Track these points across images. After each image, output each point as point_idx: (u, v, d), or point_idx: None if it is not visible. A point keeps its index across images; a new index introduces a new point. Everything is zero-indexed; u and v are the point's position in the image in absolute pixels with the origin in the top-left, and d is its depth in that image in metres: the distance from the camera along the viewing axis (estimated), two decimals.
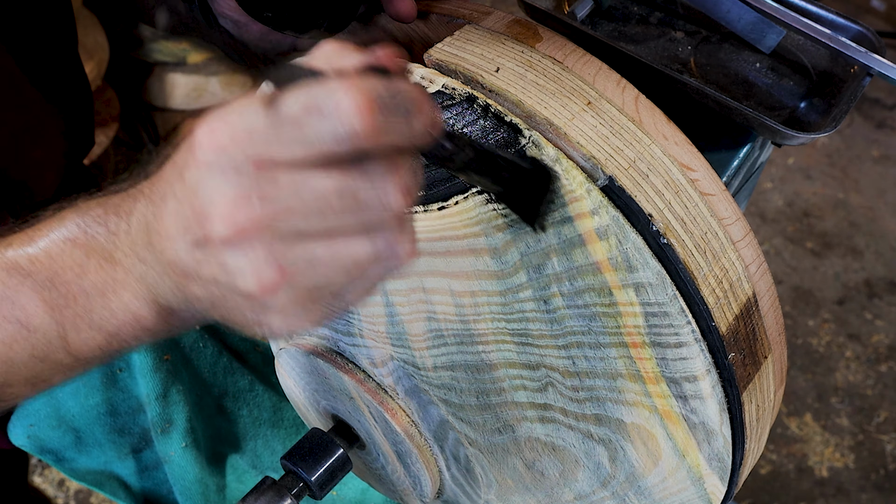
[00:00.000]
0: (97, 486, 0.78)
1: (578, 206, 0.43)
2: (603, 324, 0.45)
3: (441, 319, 0.50)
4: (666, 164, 0.45)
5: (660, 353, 0.45)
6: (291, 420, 0.83)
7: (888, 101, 2.52)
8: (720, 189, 0.46)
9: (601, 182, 0.43)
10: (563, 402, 0.49)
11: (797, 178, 2.32)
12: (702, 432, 0.47)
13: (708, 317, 0.44)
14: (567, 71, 0.47)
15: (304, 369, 0.62)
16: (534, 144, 0.43)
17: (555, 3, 0.66)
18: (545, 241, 0.44)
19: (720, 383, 0.45)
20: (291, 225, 0.32)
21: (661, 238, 0.43)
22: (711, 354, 0.45)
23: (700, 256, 0.44)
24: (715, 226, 0.45)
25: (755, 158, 0.65)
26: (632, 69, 0.59)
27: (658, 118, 0.46)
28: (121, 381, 0.76)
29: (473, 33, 0.49)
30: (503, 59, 0.47)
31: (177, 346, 0.78)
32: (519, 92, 0.45)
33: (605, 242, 0.43)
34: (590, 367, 0.47)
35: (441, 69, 0.47)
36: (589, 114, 0.45)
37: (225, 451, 0.80)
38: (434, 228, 0.47)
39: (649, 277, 0.43)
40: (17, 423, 0.75)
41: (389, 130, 0.31)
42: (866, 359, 1.92)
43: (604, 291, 0.44)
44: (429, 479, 0.59)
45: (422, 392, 0.55)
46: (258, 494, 0.57)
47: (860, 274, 2.09)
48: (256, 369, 0.84)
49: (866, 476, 1.73)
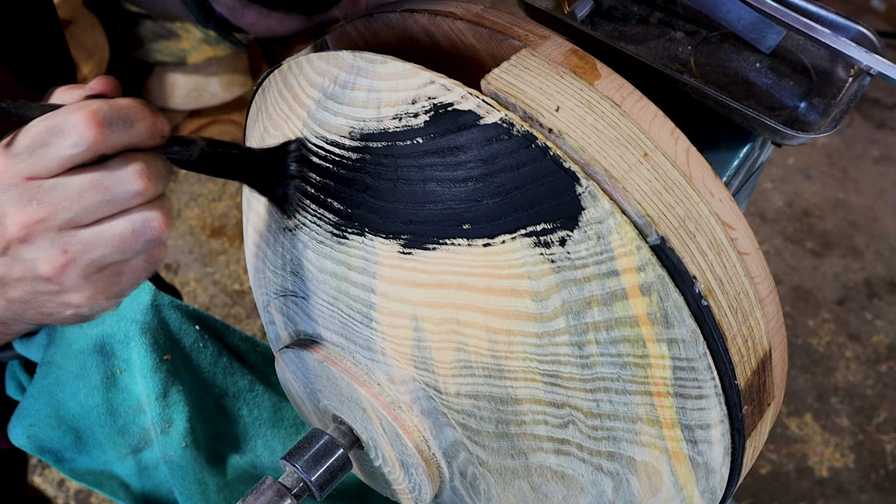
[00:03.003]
0: (97, 486, 0.78)
1: (626, 262, 0.43)
2: (632, 373, 0.45)
3: (472, 352, 0.50)
4: (711, 223, 0.45)
5: (680, 402, 0.46)
6: (291, 420, 0.83)
7: (888, 101, 2.52)
8: (755, 248, 0.47)
9: (652, 241, 0.43)
10: (581, 438, 0.50)
11: (797, 178, 2.32)
12: (703, 471, 0.48)
13: (731, 374, 0.45)
14: (625, 116, 0.45)
15: (308, 370, 0.61)
16: (589, 195, 0.42)
17: (555, 3, 0.66)
18: (588, 290, 0.44)
19: (730, 431, 0.47)
20: (64, 217, 0.42)
21: (701, 300, 0.43)
22: (727, 407, 0.46)
23: (732, 316, 0.45)
24: (747, 286, 0.46)
25: (755, 158, 0.65)
26: (632, 69, 0.59)
27: (706, 172, 0.46)
28: (121, 382, 0.76)
29: (531, 61, 0.47)
30: (562, 96, 0.45)
31: (177, 346, 0.78)
32: (579, 137, 0.44)
33: (646, 298, 0.43)
34: (612, 411, 0.48)
35: (499, 100, 0.45)
36: (645, 166, 0.44)
37: (225, 451, 0.80)
38: (477, 264, 0.47)
39: (684, 335, 0.43)
40: (16, 423, 0.75)
41: (116, 134, 0.41)
42: (866, 359, 1.92)
43: (638, 343, 0.44)
44: (429, 488, 0.59)
45: (440, 414, 0.54)
46: (258, 494, 0.57)
47: (860, 274, 2.09)
48: (256, 369, 0.84)
49: (866, 476, 1.73)
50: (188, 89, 2.21)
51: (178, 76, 2.19)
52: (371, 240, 0.50)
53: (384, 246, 0.50)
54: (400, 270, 0.50)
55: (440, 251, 0.48)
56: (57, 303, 0.46)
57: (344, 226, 0.52)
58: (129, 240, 0.44)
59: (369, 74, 0.48)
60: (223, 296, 2.02)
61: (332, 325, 0.57)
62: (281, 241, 0.58)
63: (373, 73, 0.48)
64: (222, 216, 2.18)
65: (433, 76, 0.45)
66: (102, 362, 0.75)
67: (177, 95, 2.21)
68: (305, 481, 0.58)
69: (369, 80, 0.48)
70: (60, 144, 0.41)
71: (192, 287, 2.03)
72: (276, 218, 0.58)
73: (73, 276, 0.44)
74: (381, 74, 0.48)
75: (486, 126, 0.44)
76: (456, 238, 0.47)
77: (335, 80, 0.50)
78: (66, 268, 0.44)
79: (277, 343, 0.68)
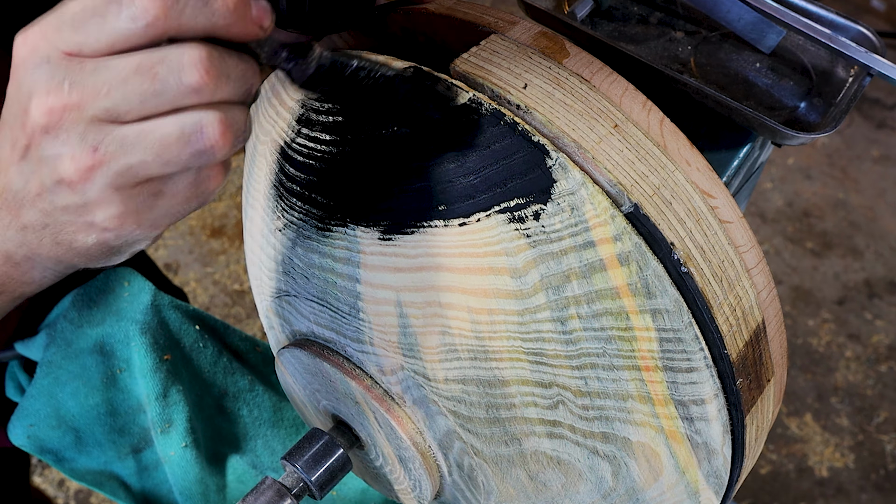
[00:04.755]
0: (97, 486, 0.78)
1: (601, 231, 0.43)
2: (618, 347, 0.45)
3: (456, 334, 0.50)
4: (688, 191, 0.45)
5: (671, 377, 0.45)
6: (291, 420, 0.83)
7: (888, 101, 2.53)
8: (738, 216, 0.47)
9: (626, 208, 0.43)
10: (573, 419, 0.50)
11: (797, 178, 2.32)
12: (703, 451, 0.47)
13: (721, 344, 0.45)
14: (594, 90, 0.46)
15: (305, 370, 0.62)
16: (560, 167, 0.43)
17: (555, 3, 0.66)
18: (566, 263, 0.44)
19: (726, 407, 0.46)
20: (100, 106, 0.35)
21: (681, 267, 0.43)
22: (720, 380, 0.45)
23: (717, 285, 0.45)
24: (732, 254, 0.46)
25: (755, 158, 0.65)
26: (632, 69, 0.59)
27: (682, 143, 0.46)
28: (121, 381, 0.76)
29: (500, 44, 0.48)
30: (530, 74, 0.46)
31: (177, 346, 0.78)
32: (547, 111, 0.44)
33: (625, 268, 0.43)
34: (601, 388, 0.47)
35: (467, 81, 0.46)
36: (616, 137, 0.44)
37: (225, 451, 0.80)
38: (454, 244, 0.47)
39: (667, 304, 0.43)
40: (16, 423, 0.75)
41: (188, 12, 0.34)
42: (866, 359, 1.92)
43: (621, 316, 0.44)
44: (429, 484, 0.59)
45: (430, 403, 0.55)
46: (258, 494, 0.57)
47: (860, 274, 2.09)
48: (256, 369, 0.84)
49: (866, 476, 1.73)
50: None
51: None
52: (353, 229, 0.51)
53: (365, 234, 0.50)
54: (381, 257, 0.50)
55: (418, 234, 0.48)
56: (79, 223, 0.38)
57: (328, 218, 0.52)
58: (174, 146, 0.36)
59: None
60: (223, 296, 2.02)
61: (323, 321, 0.57)
62: (272, 243, 0.59)
63: None
64: (222, 216, 2.18)
65: (405, 65, 0.46)
66: (102, 362, 0.75)
67: None
68: (305, 481, 0.59)
69: None
70: (117, 16, 0.34)
71: (192, 287, 2.03)
72: (267, 221, 0.58)
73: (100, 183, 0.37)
74: None
75: (456, 108, 0.45)
76: (433, 220, 0.47)
77: None
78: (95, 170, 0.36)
79: (277, 346, 0.68)
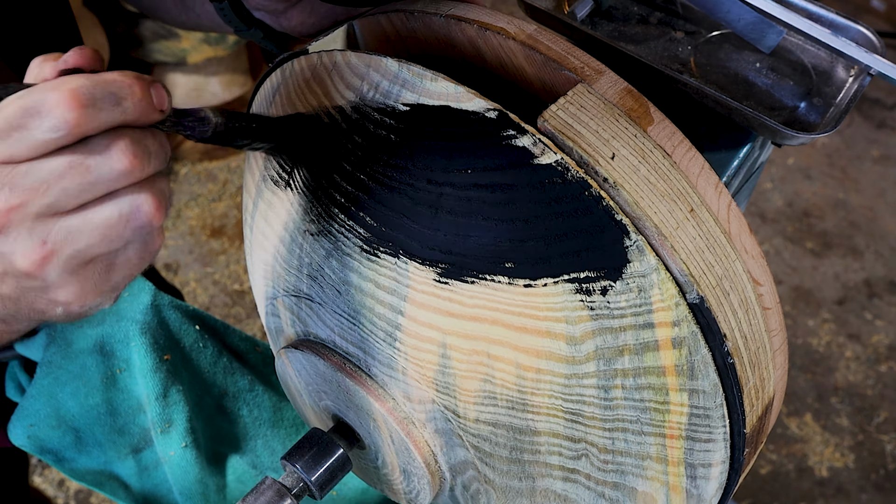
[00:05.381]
0: (97, 486, 0.78)
1: (663, 316, 0.43)
2: (651, 417, 0.46)
3: (498, 384, 0.50)
4: (744, 281, 0.45)
5: (690, 444, 0.47)
6: (291, 420, 0.83)
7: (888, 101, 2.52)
8: (775, 302, 0.48)
9: (691, 299, 0.43)
10: (591, 469, 0.51)
11: (797, 178, 2.32)
12: (694, 500, 0.50)
13: (742, 423, 0.46)
14: (675, 168, 0.45)
15: (317, 373, 0.61)
16: (637, 249, 0.42)
17: (555, 3, 0.66)
18: (623, 339, 0.45)
19: (728, 471, 0.48)
20: (42, 203, 0.38)
21: (728, 357, 0.44)
22: (731, 450, 0.47)
23: (750, 371, 0.46)
24: (766, 341, 0.47)
25: (755, 158, 0.65)
26: (632, 69, 0.59)
27: (743, 229, 0.47)
28: (121, 381, 0.76)
29: (587, 99, 0.46)
30: (618, 142, 0.44)
31: (177, 346, 0.78)
32: (633, 190, 0.43)
33: (677, 351, 0.44)
34: (626, 448, 0.48)
35: (555, 140, 0.43)
36: (691, 223, 0.44)
37: (225, 451, 0.80)
38: (515, 303, 0.46)
39: (706, 387, 0.44)
40: (16, 423, 0.75)
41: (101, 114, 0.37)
42: (866, 359, 1.92)
43: (661, 391, 0.45)
44: (429, 494, 0.60)
45: (455, 436, 0.55)
46: (258, 494, 0.57)
47: (860, 274, 2.09)
48: (256, 369, 0.84)
49: (866, 476, 1.73)
50: (188, 89, 2.21)
51: (178, 76, 2.19)
52: (406, 263, 0.49)
53: (419, 271, 0.49)
54: (433, 298, 0.49)
55: (479, 285, 0.47)
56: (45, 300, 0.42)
57: (376, 243, 0.50)
58: (116, 227, 0.40)
59: (416, 89, 0.46)
60: (223, 296, 2.02)
61: (351, 337, 0.56)
62: (299, 243, 0.57)
63: (420, 89, 0.46)
64: (222, 216, 2.18)
65: (489, 105, 0.44)
66: (102, 362, 0.75)
67: (177, 95, 2.21)
68: (305, 481, 0.58)
69: (416, 96, 0.46)
70: (37, 127, 0.37)
71: (192, 287, 2.03)
72: (295, 217, 0.56)
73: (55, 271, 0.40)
74: (430, 93, 0.46)
75: (539, 167, 0.43)
76: (497, 275, 0.46)
77: (376, 88, 0.48)
78: (47, 261, 0.39)
79: (279, 336, 0.67)
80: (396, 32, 0.55)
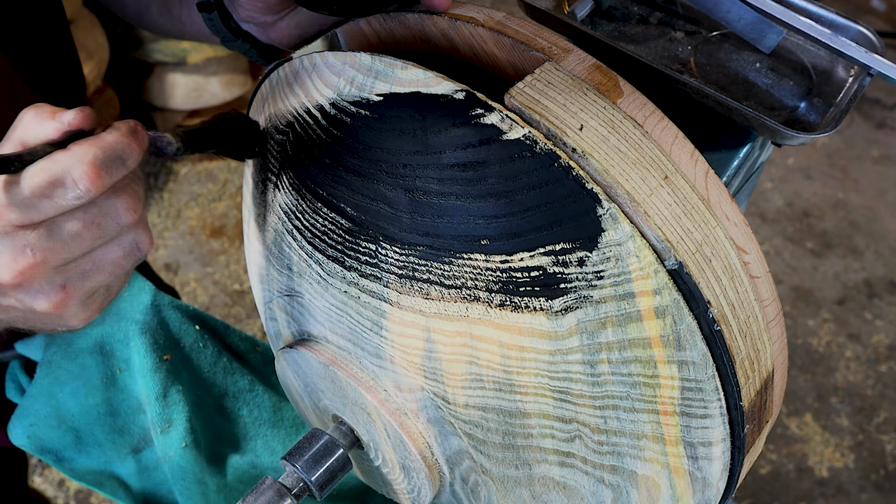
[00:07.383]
0: (97, 486, 0.78)
1: (643, 284, 0.43)
2: (641, 392, 0.46)
3: (483, 365, 0.50)
4: (727, 248, 0.45)
5: (686, 421, 0.46)
6: (291, 420, 0.83)
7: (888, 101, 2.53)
8: (765, 271, 0.47)
9: (670, 265, 0.43)
10: (586, 452, 0.50)
11: (797, 178, 2.32)
12: (700, 484, 0.49)
13: (737, 396, 0.46)
14: (647, 137, 0.45)
15: (313, 372, 0.61)
16: (610, 217, 0.42)
17: (555, 3, 0.66)
18: (604, 310, 0.44)
19: (730, 449, 0.47)
20: (60, 258, 0.43)
21: (714, 325, 0.44)
22: (730, 426, 0.46)
23: (741, 340, 0.45)
24: (757, 310, 0.46)
25: (755, 158, 0.65)
26: (632, 69, 0.59)
27: (723, 196, 0.46)
28: (121, 381, 0.76)
29: (554, 75, 0.46)
30: (586, 114, 0.45)
31: (177, 346, 0.78)
32: (602, 158, 0.43)
33: (660, 321, 0.43)
34: (619, 427, 0.48)
35: (522, 116, 0.44)
36: (665, 190, 0.44)
37: (225, 451, 0.80)
38: (494, 279, 0.47)
39: (694, 357, 0.44)
40: (16, 423, 0.75)
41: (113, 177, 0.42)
42: (866, 359, 1.92)
43: (649, 364, 0.45)
44: (430, 492, 0.60)
45: (447, 424, 0.55)
46: (258, 494, 0.57)
47: (860, 274, 2.09)
48: (256, 369, 0.84)
49: (866, 476, 1.73)
50: (188, 89, 2.21)
51: (178, 76, 2.19)
52: (385, 249, 0.50)
53: (398, 257, 0.50)
54: None
55: (456, 265, 0.47)
56: (54, 325, 0.48)
57: (357, 232, 0.51)
58: (121, 264, 0.46)
59: (388, 79, 0.47)
60: (223, 296, 2.02)
61: (340, 330, 0.57)
62: (288, 242, 0.58)
63: (392, 79, 0.47)
64: (222, 216, 2.18)
65: (456, 87, 0.44)
66: (102, 362, 0.75)
67: (177, 95, 2.21)
68: (305, 481, 0.58)
69: (388, 85, 0.47)
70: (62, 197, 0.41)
71: (192, 287, 2.03)
72: (283, 217, 0.57)
73: (73, 307, 0.46)
74: (401, 80, 0.47)
75: (508, 142, 0.43)
76: (473, 253, 0.47)
77: (352, 82, 0.49)
78: (65, 303, 0.45)
79: (278, 340, 0.68)
80: (377, 36, 0.57)
